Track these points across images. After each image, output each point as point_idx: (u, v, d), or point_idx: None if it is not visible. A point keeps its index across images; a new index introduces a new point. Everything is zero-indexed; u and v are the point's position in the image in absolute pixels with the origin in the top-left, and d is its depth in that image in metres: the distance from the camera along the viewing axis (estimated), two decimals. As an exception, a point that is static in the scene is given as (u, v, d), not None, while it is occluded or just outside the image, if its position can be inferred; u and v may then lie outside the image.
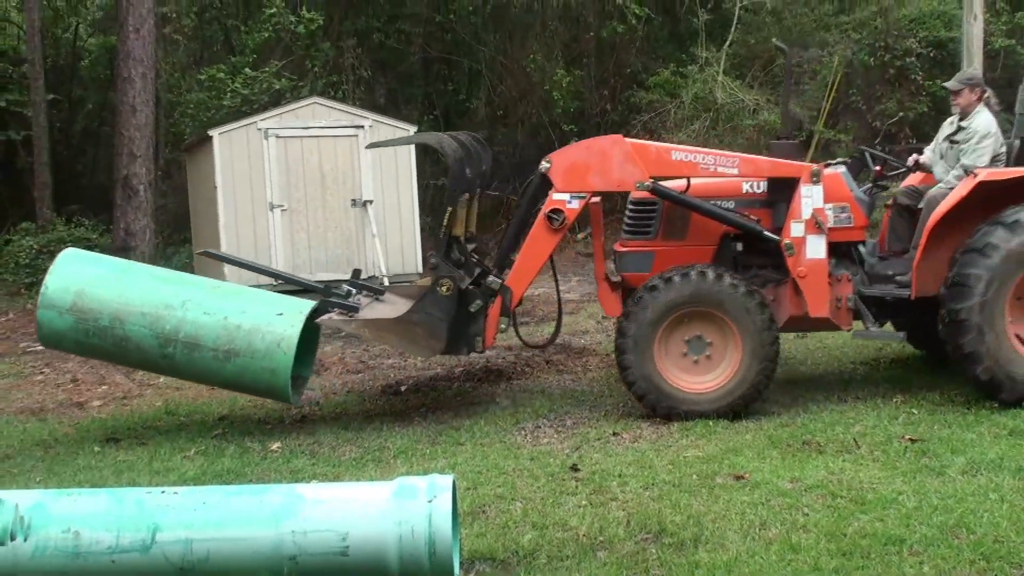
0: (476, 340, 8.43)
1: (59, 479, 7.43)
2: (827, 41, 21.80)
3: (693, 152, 8.45)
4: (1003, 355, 7.86)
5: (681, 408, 8.09)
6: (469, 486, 6.68)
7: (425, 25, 26.57)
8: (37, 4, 22.22)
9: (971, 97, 8.91)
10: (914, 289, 8.34)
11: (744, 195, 8.67)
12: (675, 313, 8.04)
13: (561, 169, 8.31)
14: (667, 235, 8.73)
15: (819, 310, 8.21)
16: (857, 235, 8.64)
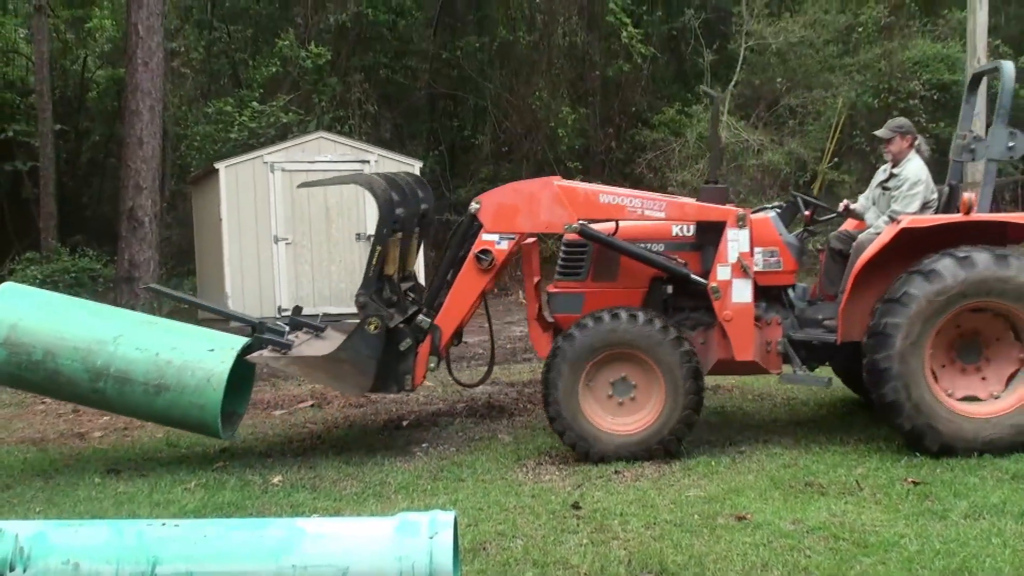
0: (406, 378, 8.47)
1: (59, 510, 7.41)
2: (831, 82, 21.91)
3: (621, 195, 8.49)
4: (925, 405, 7.84)
5: (603, 449, 8.09)
6: (470, 522, 6.65)
7: (431, 61, 26.75)
8: (46, 36, 22.39)
9: (902, 144, 9.04)
10: (840, 334, 8.41)
11: (674, 238, 8.71)
12: (599, 355, 8.07)
13: (490, 210, 8.36)
14: (597, 277, 8.77)
15: (745, 354, 8.20)
16: (786, 279, 8.70)
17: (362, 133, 22.81)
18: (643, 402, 8.16)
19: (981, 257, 7.78)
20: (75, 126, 28.35)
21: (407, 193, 8.83)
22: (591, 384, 8.15)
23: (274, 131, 20.71)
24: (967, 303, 7.84)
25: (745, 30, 22.16)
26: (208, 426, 8.39)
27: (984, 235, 8.07)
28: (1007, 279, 7.76)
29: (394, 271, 8.66)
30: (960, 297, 7.78)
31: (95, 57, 29.20)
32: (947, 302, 7.77)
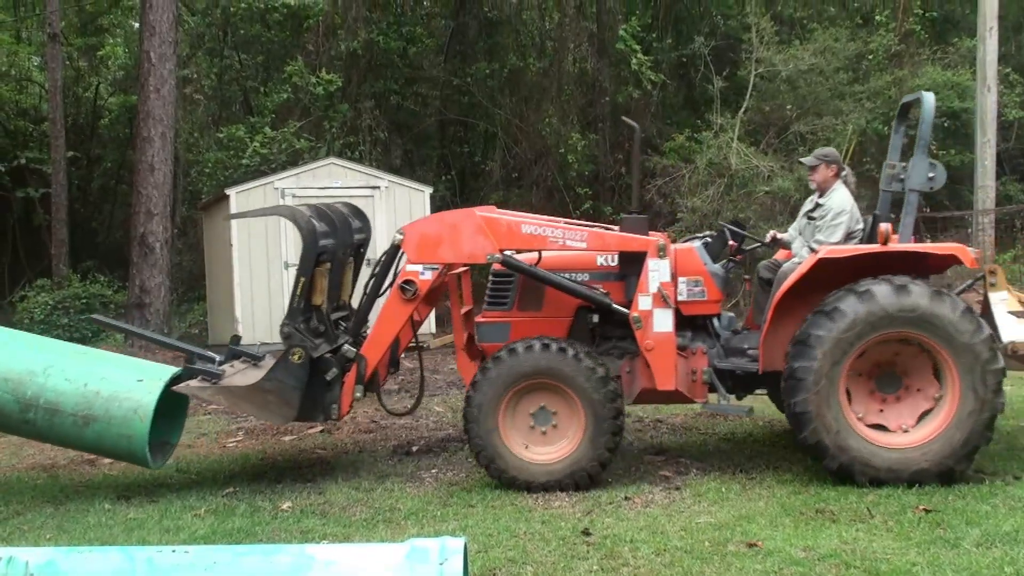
0: (332, 408, 8.50)
1: (69, 536, 7.40)
2: (841, 110, 21.92)
3: (543, 225, 8.48)
4: (847, 441, 7.87)
5: (523, 478, 8.11)
6: (480, 549, 6.64)
7: (442, 88, 26.88)
8: (59, 64, 22.54)
9: (827, 173, 9.17)
10: (761, 363, 8.45)
11: (599, 268, 8.76)
12: (520, 384, 8.09)
13: (414, 241, 8.38)
14: (523, 306, 8.82)
15: (667, 383, 8.19)
16: (711, 308, 8.72)
17: (373, 159, 22.89)
18: (564, 431, 8.19)
19: (880, 290, 7.82)
20: (87, 153, 28.52)
21: (337, 224, 8.86)
22: (513, 414, 8.18)
23: (285, 157, 20.79)
24: (875, 336, 7.88)
25: (755, 57, 22.20)
26: (137, 457, 8.47)
27: (904, 265, 8.12)
28: (910, 308, 7.79)
29: (322, 301, 8.67)
30: (867, 331, 7.83)
31: (107, 84, 29.40)
32: (855, 337, 7.83)
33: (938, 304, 7.79)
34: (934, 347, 7.88)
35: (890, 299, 7.78)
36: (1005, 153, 23.00)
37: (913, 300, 7.78)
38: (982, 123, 18.82)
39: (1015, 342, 8.34)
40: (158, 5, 17.92)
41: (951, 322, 7.77)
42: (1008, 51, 24.46)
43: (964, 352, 7.80)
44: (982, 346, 7.80)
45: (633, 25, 24.51)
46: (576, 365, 8.01)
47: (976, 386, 7.80)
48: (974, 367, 7.80)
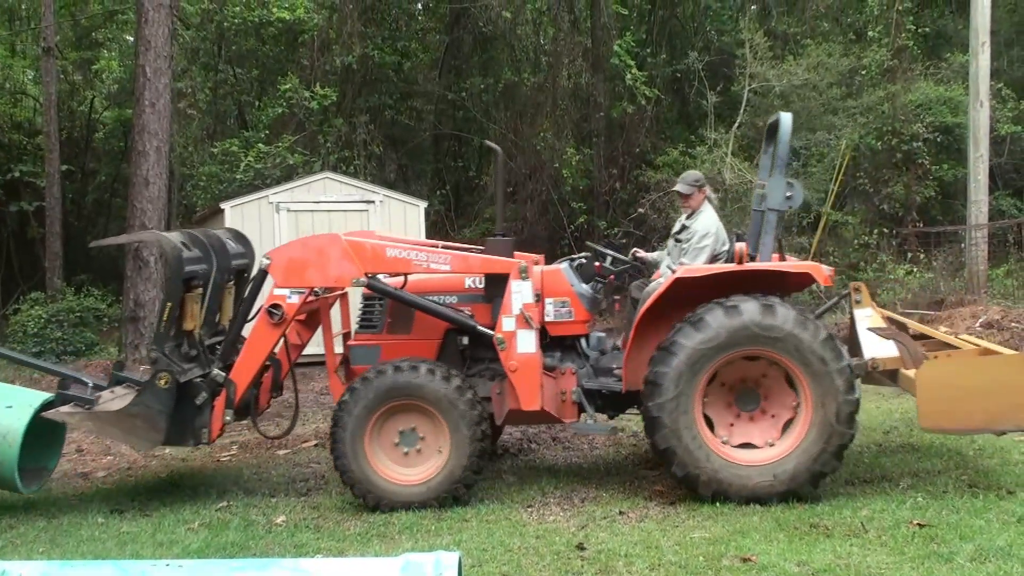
0: (202, 432, 8.48)
1: (62, 550, 7.39)
2: (835, 125, 21.99)
3: (408, 249, 8.51)
4: (697, 451, 7.92)
5: (389, 499, 8.12)
6: (474, 563, 6.63)
7: (437, 103, 26.95)
8: (54, 78, 22.54)
9: (700, 198, 9.33)
10: (624, 382, 8.53)
11: (466, 290, 8.82)
12: (385, 405, 8.12)
13: (280, 265, 8.38)
14: (392, 329, 8.87)
15: (531, 404, 8.21)
16: (579, 329, 8.79)
17: (367, 174, 22.91)
18: (430, 452, 8.22)
19: (748, 306, 7.88)
20: (81, 166, 28.52)
21: (214, 249, 8.87)
22: (379, 435, 8.20)
23: (279, 172, 20.80)
24: (737, 351, 7.96)
25: (748, 72, 22.27)
26: (6, 483, 8.47)
27: (764, 284, 8.20)
28: (772, 328, 7.85)
29: (194, 326, 8.68)
30: (728, 345, 7.90)
31: (102, 98, 29.43)
32: (716, 350, 7.90)
33: (801, 328, 7.88)
34: (793, 370, 7.99)
35: (755, 316, 7.88)
36: (998, 168, 23.07)
37: (777, 321, 7.88)
38: (975, 138, 18.86)
39: (876, 358, 8.43)
40: (153, 20, 17.93)
41: (812, 349, 7.87)
42: (1000, 66, 24.54)
43: (821, 380, 7.90)
44: (839, 376, 7.88)
45: (628, 40, 24.58)
46: (441, 386, 8.06)
47: (829, 414, 7.90)
48: (828, 396, 7.89)
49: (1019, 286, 18.63)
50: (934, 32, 26.14)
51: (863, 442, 10.08)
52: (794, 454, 7.93)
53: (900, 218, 22.98)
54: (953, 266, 19.96)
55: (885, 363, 8.44)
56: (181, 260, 8.37)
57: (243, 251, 9.45)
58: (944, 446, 9.73)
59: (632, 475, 9.16)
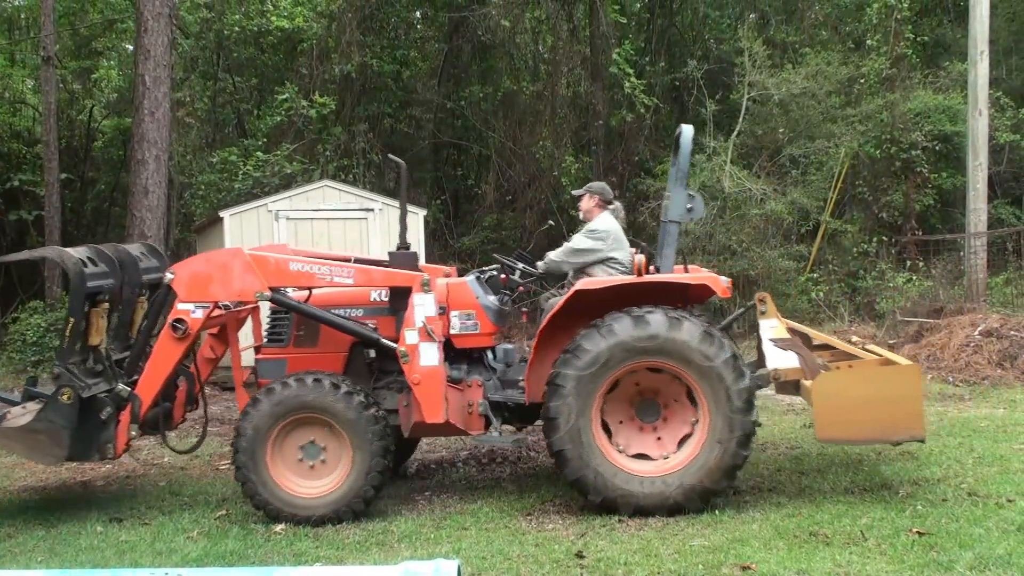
0: (107, 447, 8.48)
1: (61, 559, 7.38)
2: (834, 133, 22.01)
3: (311, 263, 8.50)
4: (591, 457, 7.97)
5: (290, 512, 8.12)
6: (474, 571, 6.63)
7: (436, 111, 26.93)
8: (53, 87, 22.55)
9: (591, 204, 9.34)
10: (527, 394, 8.57)
11: (372, 303, 8.84)
12: (288, 419, 8.13)
13: (184, 280, 8.38)
14: (299, 343, 8.86)
15: (434, 416, 8.19)
16: (485, 341, 8.81)
17: (366, 182, 22.90)
18: (333, 465, 8.23)
19: (620, 324, 7.96)
20: (81, 175, 28.50)
21: (122, 264, 8.89)
22: (281, 448, 8.21)
23: (278, 180, 20.79)
24: (641, 361, 8.03)
25: (747, 81, 22.28)
26: None
27: (666, 295, 8.30)
28: (649, 337, 7.94)
29: (100, 341, 8.68)
30: (612, 365, 7.97)
31: (101, 107, 29.42)
32: (600, 373, 7.96)
33: (676, 330, 7.94)
34: (680, 373, 8.04)
35: (629, 331, 7.95)
36: (997, 176, 23.07)
37: (651, 330, 7.95)
38: (974, 146, 18.87)
39: (778, 369, 8.49)
40: (153, 29, 17.94)
41: (691, 347, 7.94)
42: (999, 75, 24.58)
43: (708, 375, 7.96)
44: (724, 367, 7.94)
45: (626, 49, 24.59)
46: (343, 399, 8.08)
47: (724, 408, 7.96)
48: (719, 389, 7.95)
49: (1018, 294, 18.62)
50: (933, 41, 26.18)
51: (862, 450, 10.09)
52: (701, 456, 8.01)
53: (899, 226, 22.99)
54: (952, 274, 19.96)
55: (787, 374, 8.55)
56: (83, 276, 8.39)
57: (157, 265, 9.39)
58: (943, 455, 9.74)
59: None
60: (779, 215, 20.79)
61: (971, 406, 12.61)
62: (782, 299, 20.59)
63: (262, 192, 19.54)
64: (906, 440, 8.49)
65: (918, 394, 8.21)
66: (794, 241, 21.72)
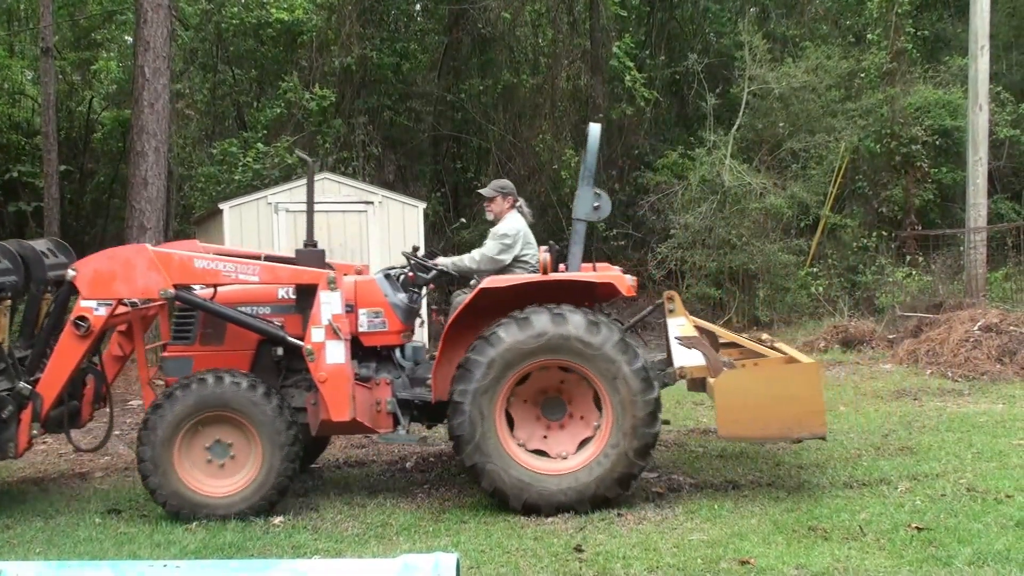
0: (8, 446, 8.37)
1: (60, 550, 7.37)
2: (834, 127, 21.99)
3: (216, 260, 8.41)
4: (489, 446, 7.98)
5: (199, 510, 8.07)
6: (472, 565, 6.63)
7: (435, 104, 26.91)
8: (52, 78, 22.51)
9: (503, 205, 9.32)
10: (434, 392, 8.55)
11: (280, 301, 8.74)
12: (194, 417, 8.08)
13: (86, 277, 8.27)
14: (205, 341, 8.75)
15: (340, 415, 8.13)
16: (393, 339, 8.76)
17: (366, 175, 22.89)
18: (241, 463, 8.19)
19: (539, 318, 7.99)
20: (80, 167, 28.47)
21: (26, 260, 8.83)
22: (188, 447, 8.15)
23: (278, 172, 20.78)
24: (533, 363, 8.04)
25: (747, 75, 22.26)
26: None
27: (572, 294, 8.30)
28: (565, 336, 7.95)
29: (2, 339, 8.61)
30: (524, 357, 7.99)
31: (100, 99, 29.38)
32: (511, 364, 7.98)
33: (593, 333, 7.95)
34: (590, 376, 8.05)
35: (547, 327, 7.95)
36: (997, 171, 23.08)
37: (567, 329, 7.95)
38: (974, 141, 18.86)
39: (684, 367, 8.52)
40: (152, 20, 17.92)
41: (604, 352, 7.95)
42: (999, 70, 24.55)
43: (617, 381, 7.98)
44: (633, 376, 7.96)
45: (627, 42, 24.58)
46: (249, 397, 8.04)
47: (628, 415, 7.98)
48: (626, 396, 7.97)
49: (1018, 290, 18.63)
50: (933, 35, 26.15)
51: (861, 445, 10.09)
52: (581, 471, 8.03)
53: (899, 221, 22.99)
54: (952, 269, 19.96)
55: (693, 372, 8.56)
56: None
57: (64, 261, 9.26)
58: (942, 450, 9.74)
59: (630, 477, 9.16)
60: (779, 209, 20.79)
61: (970, 401, 12.61)
62: (781, 293, 20.61)
63: (262, 184, 19.54)
64: (807, 438, 8.60)
65: (819, 392, 8.28)
66: (794, 235, 21.72)
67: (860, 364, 16.05)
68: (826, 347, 17.44)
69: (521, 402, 8.28)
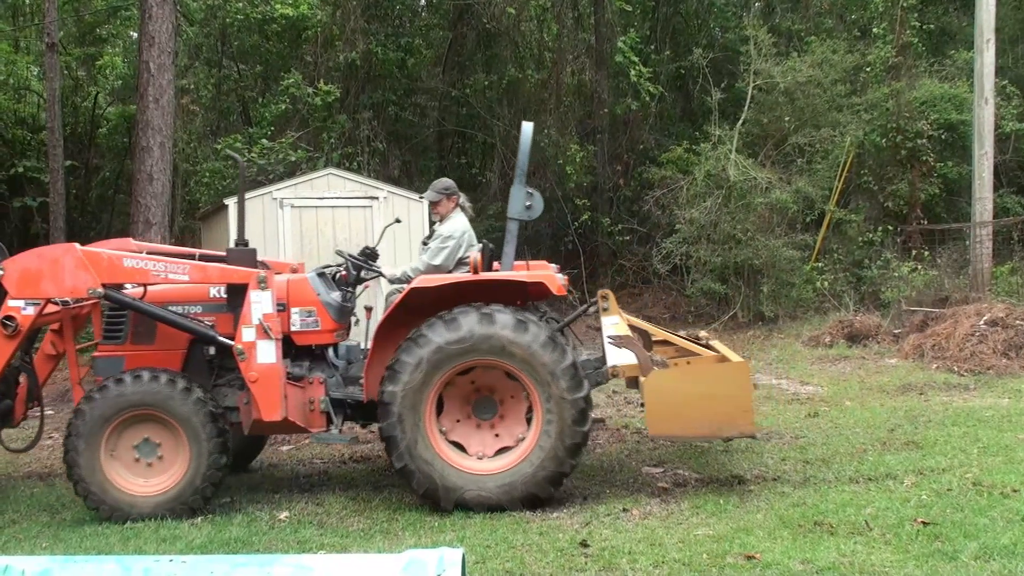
0: None
1: (66, 545, 7.39)
2: (839, 121, 21.94)
3: (145, 259, 8.37)
4: (420, 447, 7.99)
5: (127, 510, 8.05)
6: (478, 560, 6.63)
7: (440, 99, 26.89)
8: (58, 73, 22.53)
9: (449, 205, 9.39)
10: (366, 391, 8.52)
11: (211, 300, 8.71)
12: (122, 416, 8.07)
13: (14, 276, 8.21)
14: (136, 340, 8.71)
15: (271, 414, 8.13)
16: (326, 338, 8.73)
17: (371, 170, 22.87)
18: (169, 463, 8.18)
19: (467, 318, 7.98)
20: (85, 162, 28.48)
21: None
22: (116, 445, 8.15)
23: (283, 168, 20.77)
24: (462, 363, 8.05)
25: (753, 69, 22.21)
26: None
27: (503, 293, 8.31)
28: (493, 336, 7.97)
29: None
30: (452, 358, 7.99)
31: (105, 94, 29.38)
32: (440, 364, 7.98)
33: (520, 333, 7.95)
34: (519, 375, 8.06)
35: (474, 327, 7.96)
36: (1002, 165, 23.01)
37: (495, 329, 7.96)
38: (979, 135, 18.83)
39: (616, 366, 8.52)
40: (157, 16, 17.91)
41: (532, 351, 7.96)
42: (1005, 63, 24.47)
43: (545, 380, 7.99)
44: (562, 375, 7.98)
45: (632, 37, 24.53)
46: (176, 395, 8.04)
47: (558, 414, 7.99)
48: (555, 395, 7.99)
49: (1023, 284, 18.59)
50: (938, 29, 26.07)
51: (867, 440, 10.08)
52: (529, 458, 8.05)
53: (904, 215, 22.95)
54: (957, 264, 19.93)
55: (625, 370, 8.55)
56: None
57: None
58: (948, 444, 9.73)
59: (635, 473, 9.16)
60: (784, 204, 20.75)
61: (976, 396, 12.60)
62: (787, 288, 20.59)
63: (267, 180, 19.52)
64: (736, 437, 8.61)
65: (747, 391, 8.31)
66: (799, 230, 21.67)
67: (865, 359, 16.04)
68: (831, 342, 17.44)
69: (453, 402, 8.27)
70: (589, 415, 8.14)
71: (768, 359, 16.79)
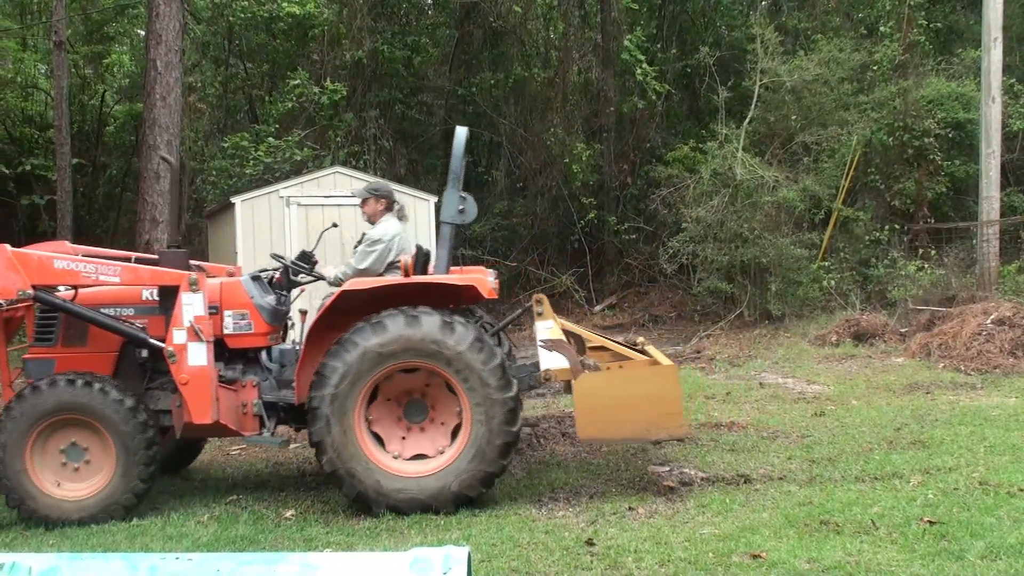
0: None
1: (72, 543, 7.41)
2: (846, 120, 21.91)
3: (76, 261, 8.30)
4: (348, 451, 7.94)
5: (56, 516, 8.00)
6: (483, 558, 6.63)
7: (447, 98, 26.90)
8: (65, 72, 22.57)
9: (376, 207, 9.23)
10: (297, 394, 8.48)
11: (144, 302, 8.64)
12: (47, 421, 8.02)
13: None
14: (67, 342, 8.64)
15: (202, 417, 8.10)
16: (260, 341, 8.70)
17: (377, 168, 22.89)
18: (97, 466, 8.14)
19: (393, 321, 7.95)
20: (92, 160, 28.55)
21: None
22: (42, 449, 8.10)
23: (289, 166, 20.80)
24: (390, 366, 8.02)
25: (759, 68, 22.18)
26: None
27: (435, 296, 8.29)
28: (419, 339, 7.94)
29: None
30: (380, 361, 7.97)
31: (113, 92, 29.46)
32: (368, 368, 7.95)
33: (447, 334, 7.94)
34: (447, 377, 8.04)
35: (401, 330, 7.93)
36: (1010, 164, 22.96)
37: (422, 331, 7.94)
38: (987, 134, 18.79)
39: (549, 370, 8.52)
40: (164, 14, 17.96)
41: (460, 352, 7.95)
42: (1013, 62, 24.41)
43: (473, 381, 7.98)
44: (490, 375, 7.96)
45: (638, 35, 24.54)
46: (102, 399, 7.99)
47: (486, 415, 7.99)
48: (483, 396, 7.97)
49: (1030, 282, 18.56)
50: (946, 27, 26.02)
51: (873, 439, 10.07)
52: (460, 460, 8.03)
53: (911, 214, 22.91)
54: (964, 262, 19.90)
55: (557, 375, 8.57)
56: None
57: None
58: (955, 443, 9.71)
59: (641, 471, 9.15)
60: (791, 203, 20.72)
61: (983, 395, 12.58)
62: (793, 287, 20.57)
63: (273, 178, 19.55)
64: (666, 439, 8.64)
65: (677, 394, 8.32)
66: (806, 229, 21.64)
67: (872, 358, 16.02)
68: (838, 341, 17.42)
69: (383, 405, 8.25)
70: (519, 415, 8.12)
71: (774, 358, 16.77)
